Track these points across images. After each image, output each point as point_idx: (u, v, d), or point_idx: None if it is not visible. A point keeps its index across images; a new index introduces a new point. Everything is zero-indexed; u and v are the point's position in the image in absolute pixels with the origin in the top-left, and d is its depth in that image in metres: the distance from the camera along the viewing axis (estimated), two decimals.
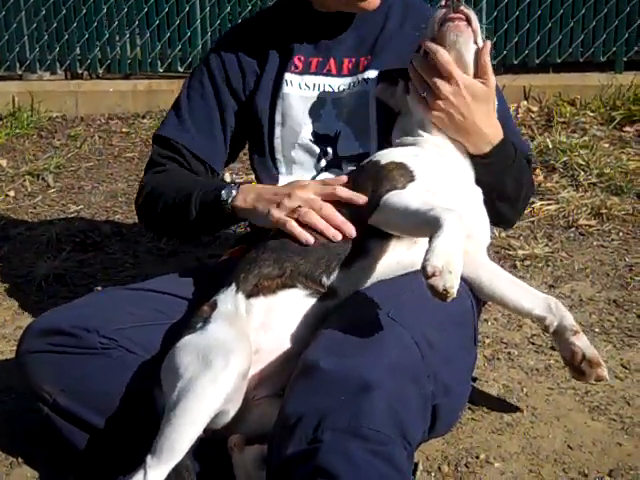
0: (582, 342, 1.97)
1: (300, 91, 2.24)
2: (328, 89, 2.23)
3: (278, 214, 1.96)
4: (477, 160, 2.06)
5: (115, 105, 5.39)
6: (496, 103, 2.08)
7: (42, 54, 5.64)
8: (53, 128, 5.13)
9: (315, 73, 2.25)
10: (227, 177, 4.02)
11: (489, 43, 2.00)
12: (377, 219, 1.87)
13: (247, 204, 2.04)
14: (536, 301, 2.02)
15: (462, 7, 1.97)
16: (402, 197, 1.83)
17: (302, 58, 2.27)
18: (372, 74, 2.20)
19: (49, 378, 1.93)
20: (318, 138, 2.23)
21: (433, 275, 1.55)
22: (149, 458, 1.68)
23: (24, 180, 4.23)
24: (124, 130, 5.07)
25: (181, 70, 5.53)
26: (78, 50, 5.60)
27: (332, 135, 2.21)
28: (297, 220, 1.93)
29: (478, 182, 2.07)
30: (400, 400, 1.60)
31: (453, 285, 1.54)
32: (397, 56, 2.16)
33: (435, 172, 1.95)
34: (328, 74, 2.24)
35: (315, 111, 2.23)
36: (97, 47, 5.58)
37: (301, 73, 2.25)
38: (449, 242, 1.59)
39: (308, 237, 1.90)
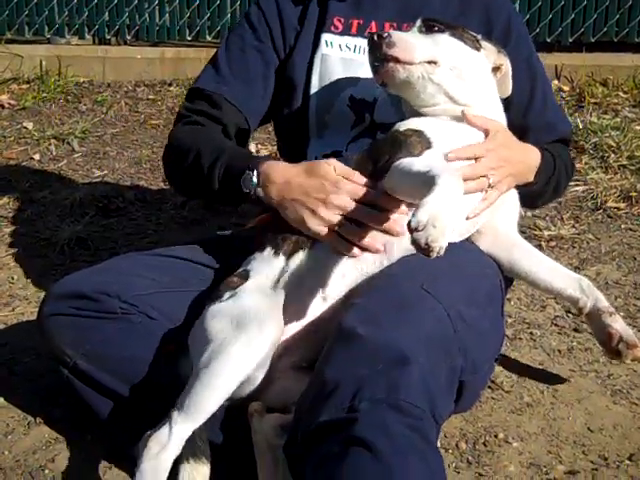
0: (619, 324, 1.99)
1: (340, 52, 2.19)
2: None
3: (316, 226, 1.82)
4: (522, 189, 2.06)
5: (142, 72, 5.37)
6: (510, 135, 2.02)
7: (71, 18, 5.63)
8: (80, 93, 5.11)
9: (356, 35, 2.21)
10: (252, 147, 3.99)
11: (465, 110, 1.93)
12: (386, 183, 1.83)
13: (274, 199, 1.88)
14: (568, 281, 2.03)
15: (384, 49, 1.89)
16: (409, 161, 1.79)
17: (342, 19, 2.22)
18: None
19: (70, 341, 1.93)
20: (355, 103, 2.18)
21: (416, 229, 1.50)
22: (175, 413, 1.70)
23: (49, 144, 4.23)
24: (150, 97, 5.06)
25: (209, 39, 5.51)
26: (107, 16, 5.58)
27: (370, 101, 2.16)
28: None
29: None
30: (433, 375, 1.59)
31: (437, 239, 1.49)
32: None
33: (454, 139, 1.90)
34: None
35: (353, 74, 2.18)
36: (126, 13, 5.55)
37: (341, 34, 2.21)
38: (439, 198, 1.54)
39: (354, 251, 1.82)
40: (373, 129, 2.18)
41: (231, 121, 2.21)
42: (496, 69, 2.06)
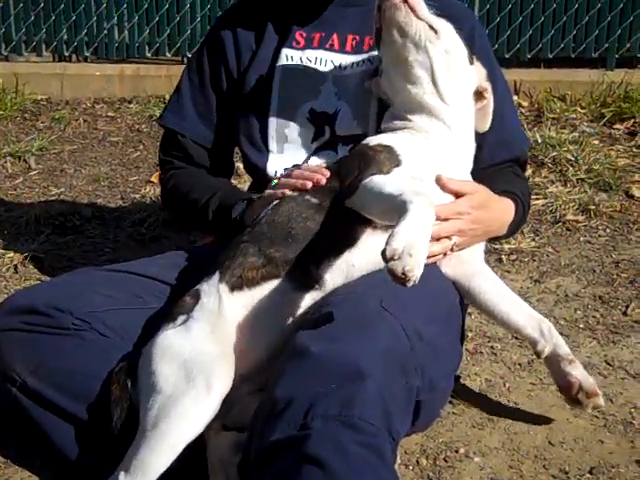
0: (579, 372, 1.96)
1: (301, 64, 2.19)
2: (330, 65, 2.18)
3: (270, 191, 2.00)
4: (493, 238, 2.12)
5: (101, 89, 5.31)
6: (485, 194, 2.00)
7: (28, 36, 5.56)
8: (37, 110, 5.04)
9: (317, 48, 2.20)
10: None
11: (442, 176, 1.89)
12: (354, 202, 1.82)
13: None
14: (528, 320, 2.01)
15: None
16: (379, 181, 1.77)
17: (304, 34, 2.22)
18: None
19: (20, 357, 1.88)
20: (315, 116, 2.17)
21: (392, 258, 1.49)
22: (122, 476, 1.63)
23: (5, 161, 4.15)
24: (110, 114, 4.99)
25: (169, 56, 5.46)
26: (65, 32, 5.51)
27: (331, 113, 2.15)
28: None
29: None
30: (389, 392, 1.56)
31: (413, 268, 1.49)
32: None
33: (422, 158, 1.90)
34: (331, 49, 2.19)
35: (314, 87, 2.18)
36: (84, 30, 5.49)
37: (303, 48, 2.20)
38: (412, 225, 1.54)
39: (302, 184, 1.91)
40: (334, 142, 2.17)
41: (203, 159, 2.33)
42: (479, 95, 2.05)
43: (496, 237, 2.14)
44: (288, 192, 1.92)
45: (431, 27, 1.94)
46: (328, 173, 1.91)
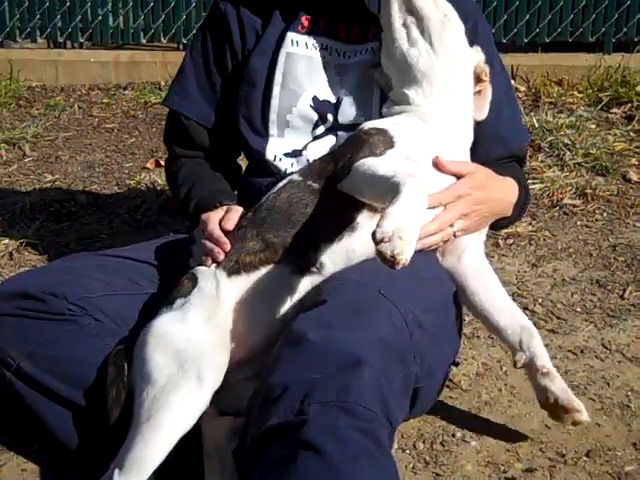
0: (556, 386, 1.85)
1: (306, 50, 2.16)
2: (334, 53, 2.16)
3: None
4: (499, 222, 2.09)
5: (96, 75, 5.28)
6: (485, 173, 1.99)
7: (22, 22, 5.52)
8: (32, 97, 5.02)
9: (323, 35, 2.18)
10: None
11: (440, 158, 1.88)
12: (346, 185, 1.81)
13: None
14: (510, 322, 1.91)
15: None
16: (372, 163, 1.76)
17: (310, 18, 2.19)
18: None
19: (14, 342, 1.87)
20: (318, 103, 2.15)
21: (382, 241, 1.49)
22: (116, 474, 1.60)
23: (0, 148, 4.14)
24: (105, 101, 4.97)
25: (164, 42, 5.43)
26: (59, 18, 5.47)
27: (334, 101, 2.14)
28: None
29: None
30: (387, 379, 1.55)
31: (402, 251, 1.48)
32: None
33: (417, 140, 1.89)
34: (336, 37, 2.17)
35: (318, 74, 2.16)
36: (79, 16, 5.46)
37: (308, 33, 2.18)
38: (404, 207, 1.53)
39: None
40: (335, 129, 2.15)
41: (206, 141, 2.31)
42: (477, 78, 2.04)
43: (504, 220, 2.12)
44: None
45: None
46: (228, 246, 1.89)
